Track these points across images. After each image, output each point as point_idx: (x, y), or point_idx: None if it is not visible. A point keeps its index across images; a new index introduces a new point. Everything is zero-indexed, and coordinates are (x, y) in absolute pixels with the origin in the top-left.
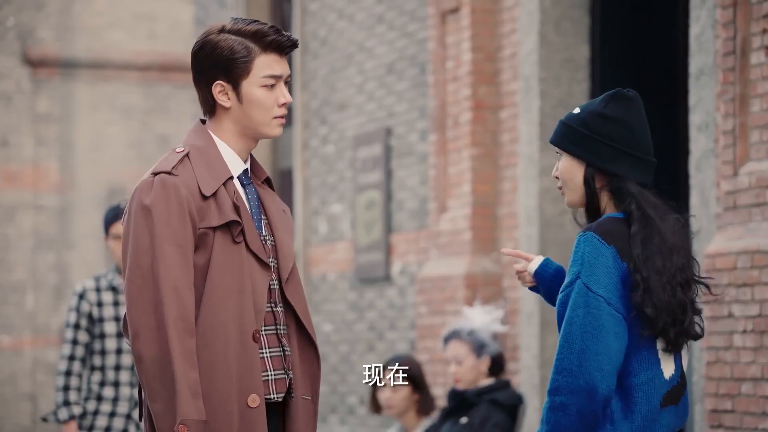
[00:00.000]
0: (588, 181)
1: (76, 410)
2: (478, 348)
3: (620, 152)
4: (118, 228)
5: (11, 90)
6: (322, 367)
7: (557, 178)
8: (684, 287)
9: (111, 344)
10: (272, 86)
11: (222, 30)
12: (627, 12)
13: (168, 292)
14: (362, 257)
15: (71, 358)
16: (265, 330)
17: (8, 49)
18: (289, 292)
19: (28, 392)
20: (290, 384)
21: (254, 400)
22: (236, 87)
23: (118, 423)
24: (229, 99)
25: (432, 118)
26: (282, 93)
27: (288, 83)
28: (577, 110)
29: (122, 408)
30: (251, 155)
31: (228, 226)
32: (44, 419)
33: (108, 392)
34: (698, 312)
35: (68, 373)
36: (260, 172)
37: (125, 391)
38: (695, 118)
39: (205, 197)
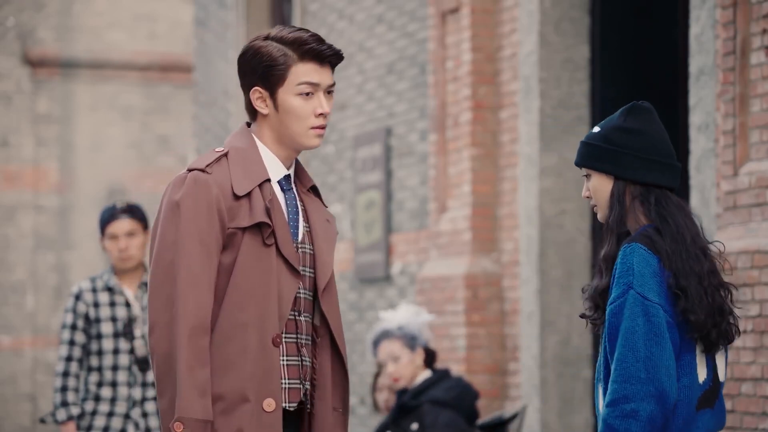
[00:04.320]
0: (617, 194)
1: (75, 411)
2: (411, 341)
3: (646, 161)
4: (114, 228)
5: (11, 90)
6: None
7: (589, 197)
8: (718, 290)
9: (108, 345)
10: (309, 95)
11: (267, 37)
12: (627, 12)
13: (185, 289)
14: (362, 257)
15: (68, 359)
16: (285, 337)
17: (8, 49)
18: (325, 304)
19: (28, 392)
20: (306, 394)
21: (270, 405)
22: (273, 94)
23: (117, 423)
24: (266, 106)
25: (432, 118)
26: (320, 103)
27: (331, 93)
28: (596, 129)
29: (120, 408)
30: (298, 162)
31: (259, 228)
32: (42, 420)
33: (106, 392)
34: (732, 313)
35: (66, 374)
36: (306, 179)
37: (123, 391)
38: (695, 119)
39: (237, 197)
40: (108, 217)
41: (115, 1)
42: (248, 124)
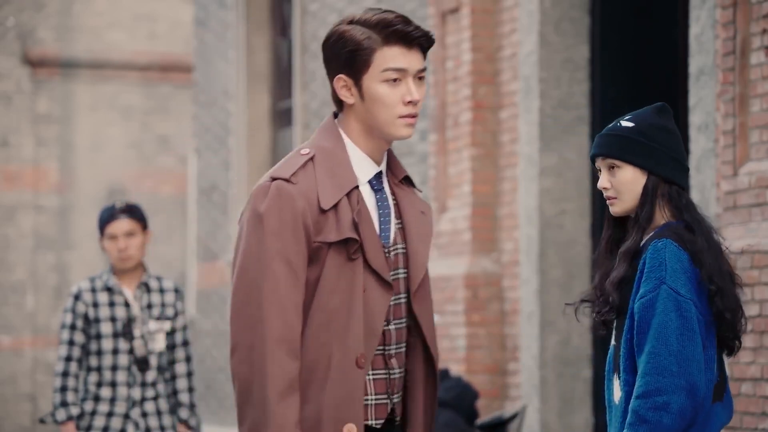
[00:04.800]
0: (651, 190)
1: (74, 411)
2: None
3: (676, 160)
4: (113, 228)
5: (11, 90)
6: None
7: (606, 188)
8: (738, 290)
9: (107, 345)
10: (396, 81)
11: (351, 21)
12: (627, 12)
13: (272, 310)
14: None
15: (68, 359)
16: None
17: (8, 49)
18: (417, 305)
19: (28, 392)
20: (392, 409)
21: (350, 430)
22: (357, 82)
23: (116, 423)
24: (351, 95)
25: (432, 118)
26: (408, 90)
27: (422, 79)
28: (627, 123)
29: (120, 408)
30: (390, 153)
31: (345, 243)
32: (42, 420)
33: (105, 393)
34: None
35: (65, 374)
36: (398, 170)
37: (122, 391)
38: (695, 119)
39: (323, 210)
40: (107, 217)
41: (115, 1)
42: (335, 115)
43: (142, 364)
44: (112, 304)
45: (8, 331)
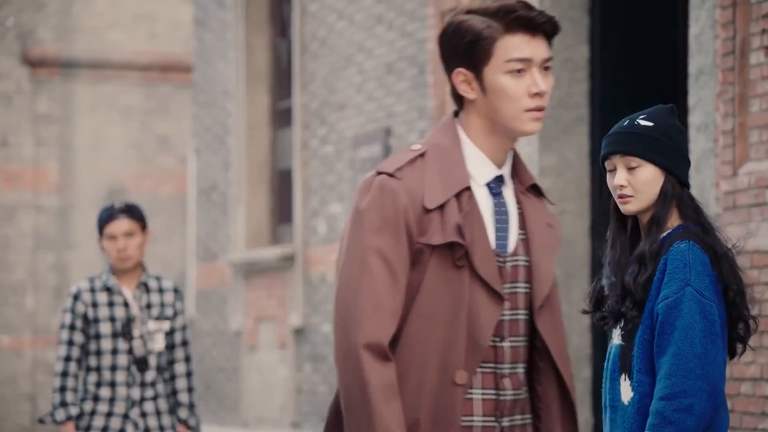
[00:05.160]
0: (670, 190)
1: (73, 411)
2: None
3: (688, 161)
4: (112, 228)
5: (11, 90)
6: (322, 367)
7: (623, 186)
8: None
9: (106, 345)
10: (520, 72)
11: (469, 10)
12: (626, 12)
13: (366, 313)
14: None
15: (67, 359)
16: (480, 368)
17: (8, 49)
18: (542, 323)
19: (27, 392)
20: None
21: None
22: (478, 75)
23: (115, 423)
24: (472, 89)
25: (431, 118)
26: (534, 81)
27: (548, 69)
28: (646, 122)
29: (119, 408)
30: (516, 158)
31: (450, 247)
32: (41, 420)
33: (105, 393)
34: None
35: (65, 374)
36: (525, 177)
37: (122, 391)
38: (694, 119)
39: (427, 210)
40: (106, 217)
41: (115, 1)
42: (456, 114)
43: (142, 364)
44: (111, 304)
45: (8, 331)
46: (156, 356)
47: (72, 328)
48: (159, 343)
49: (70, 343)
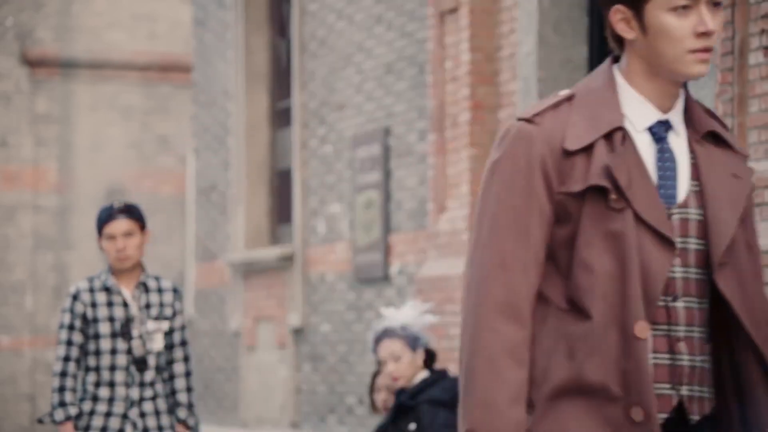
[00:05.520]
0: None
1: (72, 411)
2: (413, 342)
3: None
4: (112, 228)
5: (10, 90)
6: (321, 367)
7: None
8: None
9: (105, 345)
10: (686, 9)
11: None
12: None
13: (492, 270)
14: (361, 257)
15: (66, 359)
16: (653, 330)
17: (7, 49)
18: (725, 284)
19: (27, 393)
20: (680, 404)
21: (638, 414)
22: (639, 12)
23: (114, 423)
24: (631, 28)
25: (431, 118)
26: (701, 19)
27: (718, 5)
28: None
29: (118, 408)
30: (690, 102)
31: (603, 193)
32: (40, 420)
33: (104, 393)
34: None
35: (63, 374)
36: (701, 123)
37: (121, 391)
38: None
39: (570, 153)
40: (105, 217)
41: (115, 1)
42: (615, 59)
43: (141, 364)
44: (110, 304)
45: (7, 331)
46: (155, 356)
47: (71, 328)
48: (158, 343)
49: (69, 343)
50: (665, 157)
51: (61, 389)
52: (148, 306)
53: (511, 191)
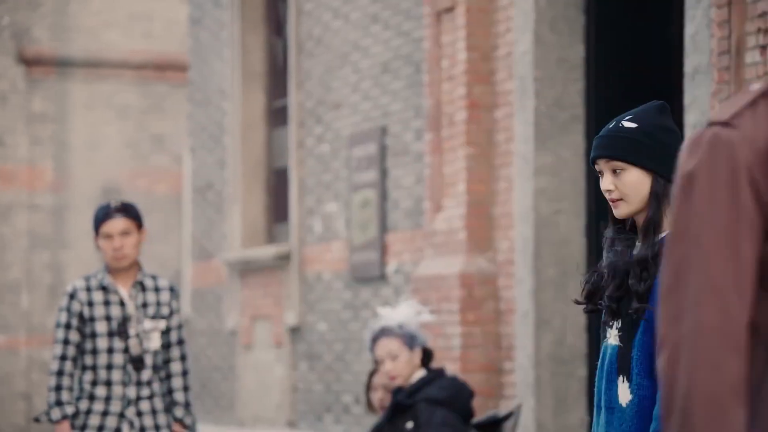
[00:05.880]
0: (658, 193)
1: (69, 410)
2: (410, 340)
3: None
4: (108, 227)
5: (6, 89)
6: (318, 366)
7: (610, 191)
8: None
9: (102, 343)
10: None
11: None
12: (622, 11)
13: (702, 295)
14: (357, 256)
15: (63, 358)
16: None
17: (3, 48)
18: None
19: (22, 391)
20: None
21: None
22: None
23: (111, 422)
24: None
25: (427, 117)
26: None
27: None
28: (629, 124)
29: (115, 407)
30: None
31: None
32: (36, 419)
33: (100, 391)
34: None
35: (60, 373)
36: None
37: (117, 390)
38: (690, 118)
39: None
40: (102, 216)
41: (111, 1)
42: None
43: (138, 363)
44: (107, 303)
45: (3, 330)
46: (152, 355)
47: (68, 326)
48: (155, 342)
49: (66, 341)
50: None
51: (58, 388)
52: (145, 305)
53: (713, 205)
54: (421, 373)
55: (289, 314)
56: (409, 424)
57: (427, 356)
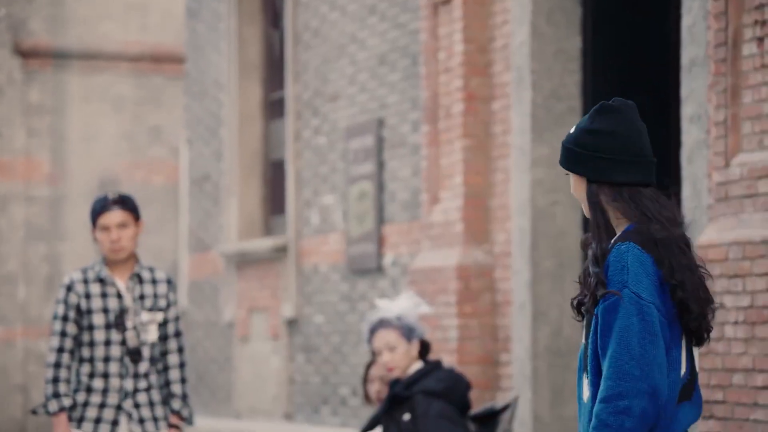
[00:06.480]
0: (591, 196)
1: (66, 402)
2: (408, 332)
3: (615, 161)
4: (106, 219)
5: (2, 81)
6: (315, 358)
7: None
8: (703, 281)
9: (99, 336)
10: None
11: None
12: (619, 3)
13: None
14: (354, 248)
15: (60, 350)
16: None
17: (0, 40)
18: None
19: (19, 384)
20: None
21: None
22: None
23: (108, 414)
24: None
25: (424, 109)
26: None
27: None
28: (570, 131)
29: (112, 399)
30: None
31: None
32: (34, 412)
33: (98, 384)
34: (712, 303)
35: (57, 365)
36: None
37: (115, 382)
38: (687, 110)
39: None
40: (100, 208)
41: None
42: None
43: (135, 355)
44: (104, 296)
45: (0, 322)
46: (149, 347)
47: (65, 319)
48: (152, 334)
49: (63, 334)
50: None
51: (55, 380)
52: (142, 297)
53: None
54: (418, 365)
55: (286, 306)
56: (406, 416)
57: (424, 348)
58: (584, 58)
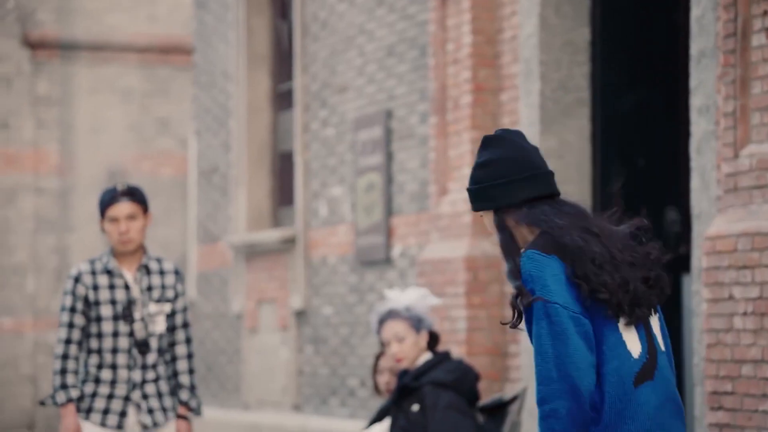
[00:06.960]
0: (497, 224)
1: (74, 393)
2: (417, 323)
3: (508, 184)
4: (114, 211)
5: (11, 72)
6: (323, 349)
7: None
8: (629, 266)
9: (107, 327)
10: None
11: None
12: None
13: None
14: (362, 240)
15: (68, 341)
16: None
17: (8, 31)
18: None
19: (28, 375)
20: None
21: None
22: None
23: (116, 405)
24: None
25: (432, 100)
26: None
27: None
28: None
29: (120, 390)
30: None
31: None
32: (42, 403)
33: (106, 375)
34: (653, 285)
35: (65, 357)
36: None
37: (123, 373)
38: (696, 101)
39: None
40: (108, 199)
41: None
42: None
43: (143, 346)
44: (112, 287)
45: (9, 313)
46: (157, 338)
47: (72, 310)
48: (160, 326)
49: (71, 325)
50: None
51: (63, 372)
52: (150, 288)
53: None
54: (427, 356)
55: (295, 298)
56: (415, 407)
57: (433, 339)
58: (593, 50)
